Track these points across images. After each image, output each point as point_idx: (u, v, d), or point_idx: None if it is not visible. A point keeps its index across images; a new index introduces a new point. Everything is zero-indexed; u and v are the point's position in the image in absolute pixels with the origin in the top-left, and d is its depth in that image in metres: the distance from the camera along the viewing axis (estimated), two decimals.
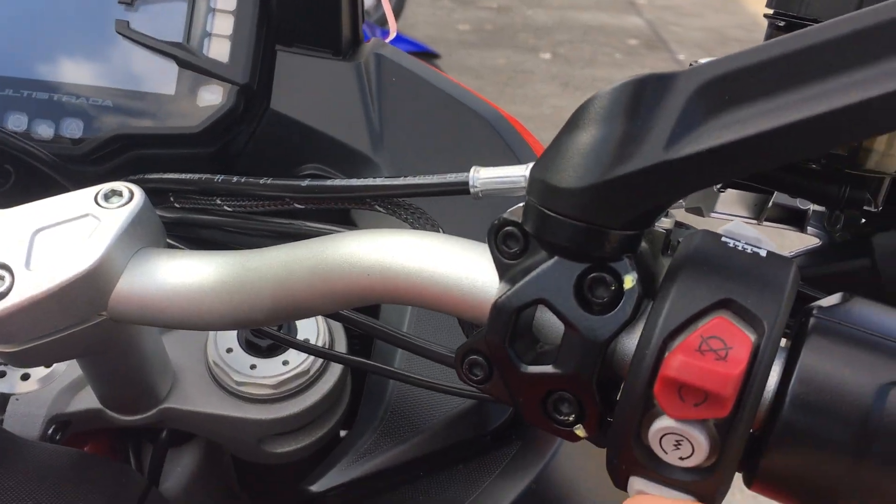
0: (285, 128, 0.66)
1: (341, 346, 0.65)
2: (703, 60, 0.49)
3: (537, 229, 0.35)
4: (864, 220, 0.54)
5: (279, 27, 0.67)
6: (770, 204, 0.54)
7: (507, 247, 0.36)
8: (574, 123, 0.33)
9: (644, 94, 0.32)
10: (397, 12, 4.90)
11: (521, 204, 0.37)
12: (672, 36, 5.91)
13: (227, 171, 0.67)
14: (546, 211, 0.34)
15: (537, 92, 4.93)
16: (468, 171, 0.46)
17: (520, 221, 0.36)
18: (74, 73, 0.63)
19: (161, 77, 0.64)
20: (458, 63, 5.06)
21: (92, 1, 0.64)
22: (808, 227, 0.55)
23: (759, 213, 0.54)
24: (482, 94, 0.75)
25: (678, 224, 0.40)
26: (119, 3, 0.64)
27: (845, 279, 0.54)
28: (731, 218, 0.54)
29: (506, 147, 0.66)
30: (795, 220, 0.55)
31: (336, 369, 0.65)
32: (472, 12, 6.01)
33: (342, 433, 0.68)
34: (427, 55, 3.72)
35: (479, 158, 0.66)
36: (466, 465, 0.56)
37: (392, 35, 0.77)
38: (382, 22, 4.85)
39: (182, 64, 0.63)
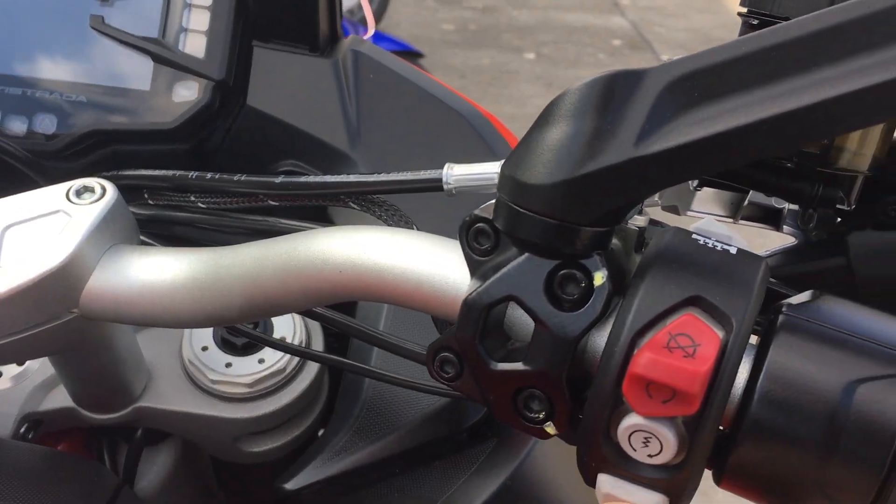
0: (262, 124, 0.66)
1: (318, 345, 0.65)
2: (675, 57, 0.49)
3: (508, 226, 0.34)
4: (839, 220, 0.54)
5: (256, 23, 0.66)
6: (746, 203, 0.54)
7: (479, 243, 0.36)
8: (545, 119, 0.33)
9: (615, 90, 0.32)
10: (381, 11, 4.89)
11: (493, 200, 0.36)
12: (656, 37, 5.94)
13: (204, 167, 0.66)
14: (516, 207, 0.34)
15: (521, 92, 4.94)
16: (443, 167, 0.46)
17: (491, 218, 0.36)
18: (48, 68, 0.63)
19: (136, 73, 0.63)
20: (442, 63, 5.06)
21: None
22: (784, 227, 0.56)
23: (735, 212, 0.54)
24: (466, 93, 0.75)
25: (652, 222, 0.40)
26: None
27: (820, 278, 0.54)
28: (706, 216, 0.54)
29: (483, 144, 0.66)
30: (771, 218, 0.55)
31: (313, 368, 0.64)
32: (457, 12, 6.01)
33: (320, 432, 0.68)
34: (411, 54, 3.71)
35: (457, 155, 0.65)
36: (442, 462, 0.56)
37: (370, 32, 0.77)
38: (377, 19, 4.84)
39: (157, 59, 0.63)
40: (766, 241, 0.57)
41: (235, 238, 0.55)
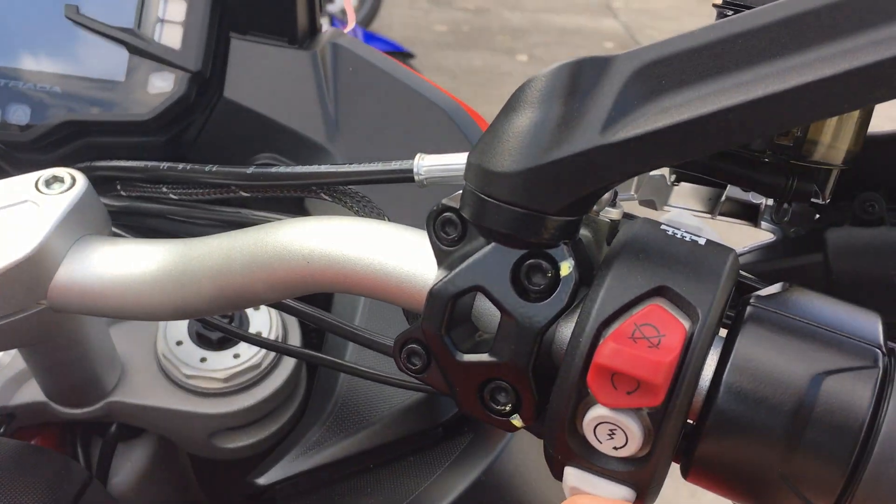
0: (239, 116, 0.65)
1: (295, 339, 0.64)
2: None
3: (475, 215, 0.34)
4: (817, 216, 0.54)
5: (234, 14, 0.65)
6: (723, 198, 0.54)
7: (446, 233, 0.36)
8: (511, 107, 0.33)
9: (581, 77, 0.32)
10: (373, 12, 4.89)
11: (461, 190, 0.36)
12: (648, 39, 5.95)
13: (180, 160, 0.66)
14: (483, 196, 0.33)
15: None
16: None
17: (458, 207, 0.35)
18: (22, 58, 0.62)
19: (111, 63, 0.62)
20: (434, 64, 5.05)
21: None
22: (762, 223, 0.55)
23: (713, 208, 0.54)
24: (458, 94, 0.74)
25: (627, 216, 0.40)
26: None
27: (797, 274, 0.53)
28: (684, 211, 0.53)
29: (462, 137, 0.66)
30: (749, 214, 0.54)
31: (289, 363, 0.64)
32: (449, 13, 6.00)
33: None
34: (402, 55, 3.71)
35: (435, 148, 0.65)
36: (417, 457, 0.55)
37: (350, 26, 0.76)
38: (366, 22, 4.83)
39: (133, 50, 0.62)
40: (745, 237, 0.57)
41: (207, 230, 0.55)
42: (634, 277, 0.32)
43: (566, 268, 0.33)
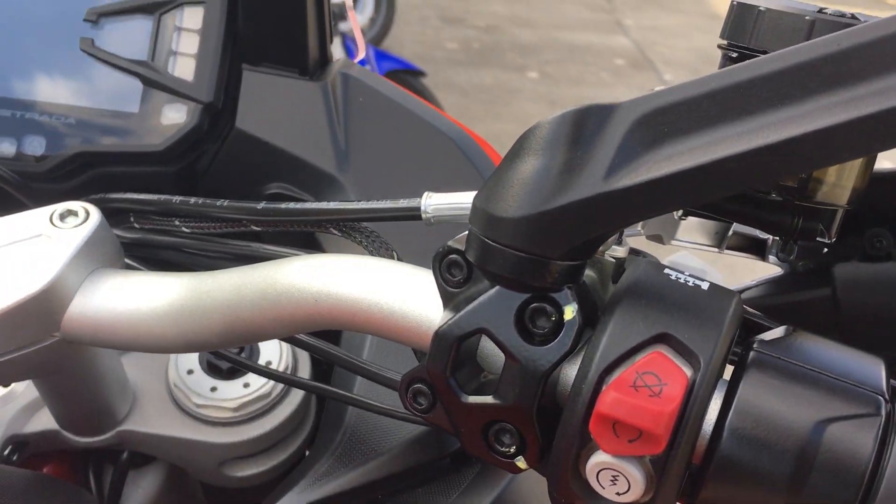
0: (251, 147, 0.66)
1: (305, 370, 0.65)
2: (659, 89, 0.49)
3: (479, 258, 0.34)
4: (825, 250, 0.54)
5: (246, 46, 0.66)
6: (731, 232, 0.54)
7: (451, 275, 0.36)
8: (515, 153, 0.33)
9: (585, 125, 0.32)
10: (384, 30, 4.92)
11: (467, 232, 0.36)
12: (658, 56, 5.96)
13: (193, 189, 0.66)
14: (487, 240, 0.34)
15: (524, 110, 4.95)
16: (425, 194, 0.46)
17: (463, 250, 0.36)
18: (38, 90, 0.63)
19: (125, 95, 0.63)
20: (445, 81, 5.08)
21: (57, 18, 0.64)
22: (770, 256, 0.56)
23: (720, 242, 0.54)
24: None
25: (633, 251, 0.40)
26: (84, 20, 0.64)
27: (805, 308, 0.54)
28: (691, 246, 0.54)
29: (472, 168, 0.66)
30: (756, 248, 0.55)
31: (299, 392, 0.64)
32: (460, 31, 6.04)
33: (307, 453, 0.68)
34: (413, 73, 3.73)
35: (444, 179, 0.65)
36: (426, 488, 0.56)
37: (360, 55, 0.77)
38: (377, 41, 4.86)
39: (146, 82, 0.63)
40: (757, 271, 0.57)
41: (219, 263, 0.55)
42: (636, 324, 0.32)
43: (570, 312, 0.34)
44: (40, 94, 0.63)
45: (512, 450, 0.35)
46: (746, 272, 0.58)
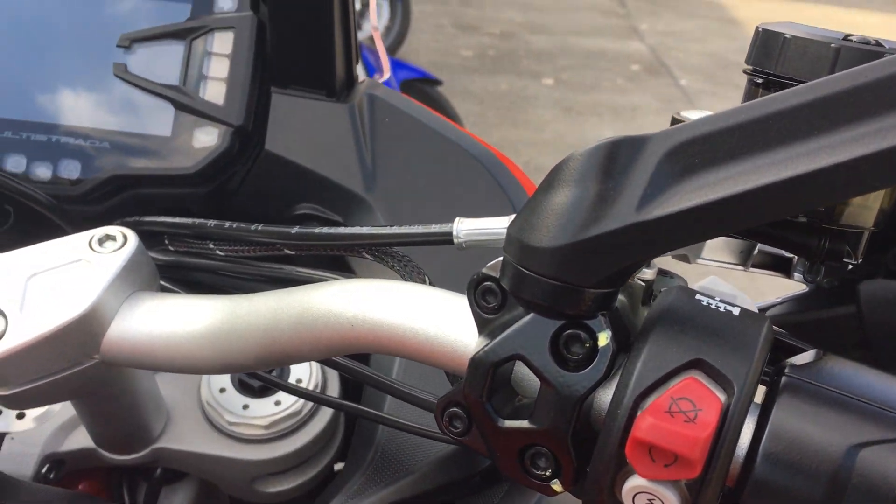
0: (280, 168, 0.67)
1: (334, 388, 0.66)
2: (685, 113, 0.50)
3: (513, 286, 0.35)
4: (850, 268, 0.55)
5: (274, 69, 0.68)
6: (756, 251, 0.55)
7: (486, 301, 0.37)
8: (549, 184, 0.34)
9: (617, 157, 0.33)
10: (400, 39, 4.94)
11: (500, 258, 0.37)
12: (674, 61, 5.95)
13: (223, 209, 0.68)
14: (522, 269, 0.34)
15: (540, 117, 4.96)
16: (457, 215, 0.47)
17: (497, 277, 0.37)
18: (73, 114, 0.65)
19: (158, 119, 0.65)
20: (461, 89, 5.09)
21: (90, 44, 0.66)
22: (795, 274, 0.56)
23: (746, 260, 0.55)
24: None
25: (661, 272, 0.41)
26: (117, 46, 0.65)
27: (830, 326, 0.54)
28: (716, 265, 0.54)
29: (497, 187, 0.67)
30: (782, 266, 0.55)
31: (328, 409, 0.65)
32: (475, 38, 6.05)
33: (337, 466, 0.69)
34: (429, 82, 3.74)
35: (471, 199, 0.66)
36: None
37: (386, 76, 0.78)
38: (393, 49, 4.88)
39: (178, 106, 0.64)
40: (777, 288, 0.58)
41: (253, 285, 0.57)
42: (670, 350, 0.33)
43: (604, 338, 0.34)
44: (75, 119, 0.65)
45: (547, 473, 0.36)
46: (768, 294, 0.59)
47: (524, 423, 0.36)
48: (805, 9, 7.35)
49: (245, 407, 0.63)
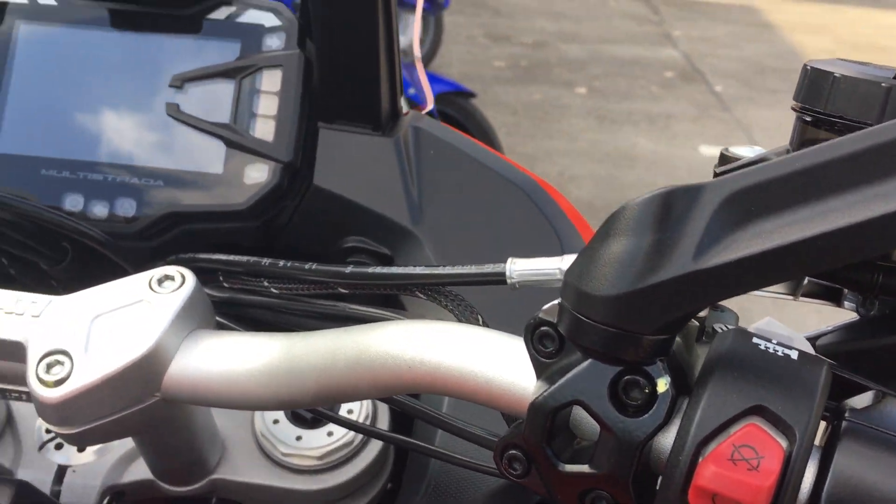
0: (328, 202, 0.68)
1: (384, 420, 0.67)
2: (734, 149, 0.50)
3: (571, 332, 0.36)
4: None
5: (321, 104, 0.69)
6: (806, 280, 0.55)
7: (543, 346, 0.38)
8: (605, 233, 0.35)
9: (672, 206, 0.34)
10: (433, 51, 4.97)
11: (556, 302, 0.38)
12: (708, 67, 5.91)
13: (272, 242, 0.69)
14: (579, 316, 0.35)
15: (573, 126, 4.95)
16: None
17: (554, 322, 0.37)
18: (128, 153, 0.66)
19: (209, 156, 0.66)
20: (494, 99, 5.10)
21: (144, 84, 0.67)
22: (845, 302, 0.56)
23: (795, 290, 0.55)
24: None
25: (713, 306, 0.41)
26: (169, 86, 0.67)
27: (883, 354, 0.54)
28: (767, 295, 0.54)
29: (542, 218, 0.68)
30: (832, 296, 0.55)
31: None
32: (507, 48, 6.06)
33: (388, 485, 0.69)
34: (463, 94, 3.76)
35: (517, 231, 0.67)
36: None
37: (429, 107, 0.79)
38: (426, 61, 4.90)
39: (230, 144, 0.66)
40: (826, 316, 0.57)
41: (307, 321, 0.58)
42: (730, 396, 0.33)
43: (662, 385, 0.35)
44: (130, 158, 0.66)
45: None
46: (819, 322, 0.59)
47: (584, 468, 0.36)
48: (842, 11, 7.25)
49: (298, 438, 0.64)
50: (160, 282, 0.53)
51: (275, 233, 0.69)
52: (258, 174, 0.66)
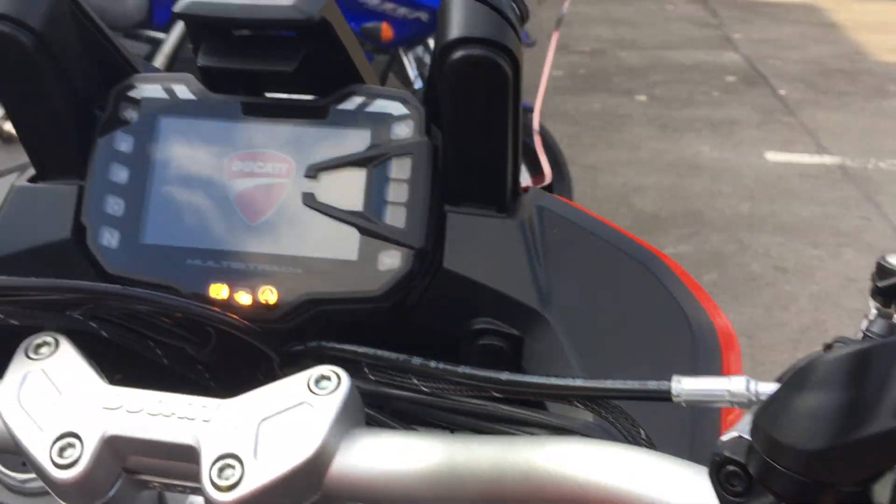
0: (456, 284, 0.70)
1: None
2: (890, 258, 0.51)
3: (762, 476, 0.37)
4: None
5: (447, 188, 0.71)
6: None
7: (731, 485, 0.39)
8: (799, 384, 0.36)
9: (870, 364, 0.35)
10: None
11: (734, 435, 0.39)
12: (771, 70, 5.82)
13: (401, 323, 0.71)
14: (772, 462, 0.36)
15: (635, 136, 4.92)
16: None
17: (742, 462, 0.38)
18: (269, 243, 0.69)
19: (344, 244, 0.69)
20: (553, 110, 5.10)
21: (280, 174, 0.70)
22: None
23: None
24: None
25: None
26: (305, 176, 0.70)
27: None
28: None
29: (667, 294, 0.69)
30: None
31: None
32: (565, 57, 6.05)
33: None
34: (522, 110, 3.75)
35: (645, 311, 0.68)
36: None
37: (547, 181, 0.81)
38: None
39: (363, 231, 0.68)
40: None
41: (454, 417, 0.60)
42: None
43: None
44: (270, 247, 0.69)
45: None
46: None
47: None
48: None
49: None
50: (317, 382, 0.56)
51: (404, 314, 0.71)
52: (391, 260, 0.68)
